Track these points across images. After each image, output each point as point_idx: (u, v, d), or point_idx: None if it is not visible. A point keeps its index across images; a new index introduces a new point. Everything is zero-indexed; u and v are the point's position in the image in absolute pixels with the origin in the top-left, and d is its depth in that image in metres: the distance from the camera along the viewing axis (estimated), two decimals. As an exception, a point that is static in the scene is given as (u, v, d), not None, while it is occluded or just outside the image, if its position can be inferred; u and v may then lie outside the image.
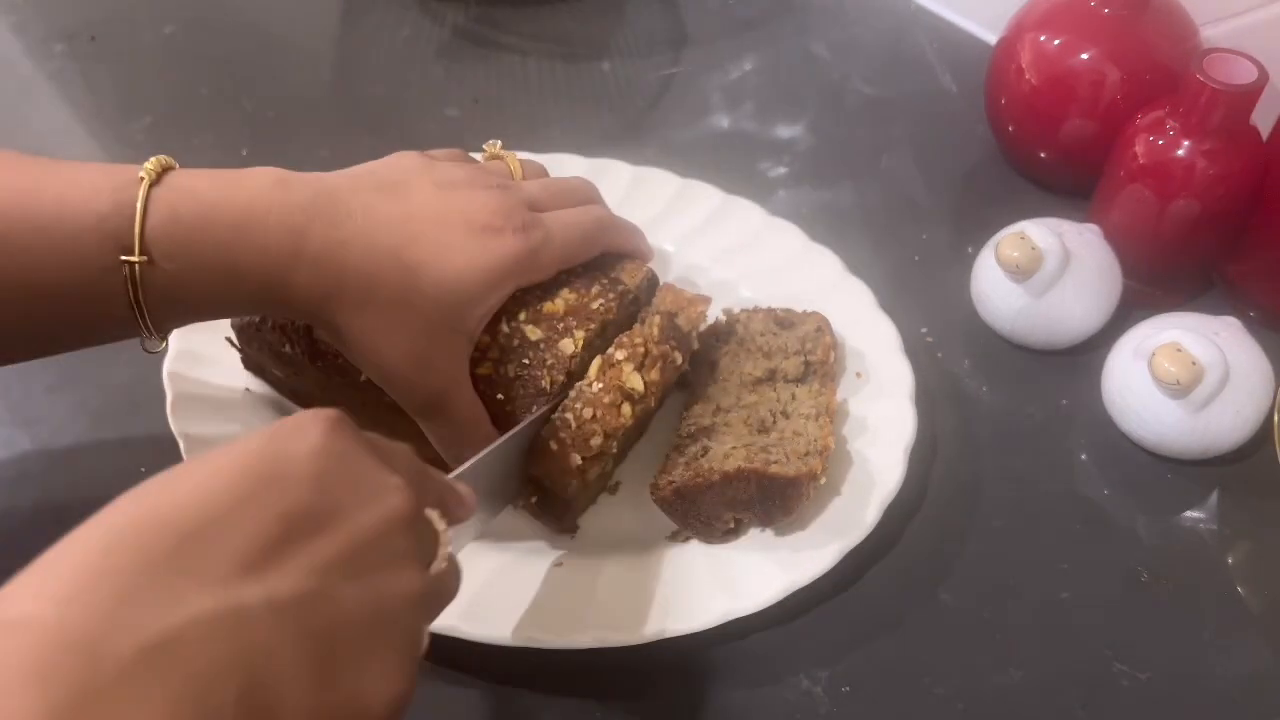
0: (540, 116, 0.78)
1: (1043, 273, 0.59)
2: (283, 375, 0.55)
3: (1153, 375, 0.54)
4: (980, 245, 0.63)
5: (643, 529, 0.53)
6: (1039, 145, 0.70)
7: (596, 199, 0.56)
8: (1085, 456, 0.59)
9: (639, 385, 0.50)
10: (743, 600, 0.49)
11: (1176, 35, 0.66)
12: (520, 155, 0.56)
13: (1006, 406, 0.61)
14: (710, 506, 0.50)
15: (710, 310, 0.57)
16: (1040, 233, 0.59)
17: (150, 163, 0.43)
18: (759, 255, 0.63)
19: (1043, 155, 0.70)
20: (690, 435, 0.53)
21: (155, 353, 0.46)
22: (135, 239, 0.41)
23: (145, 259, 0.42)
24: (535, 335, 0.49)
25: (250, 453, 0.30)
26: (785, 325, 0.58)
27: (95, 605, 0.26)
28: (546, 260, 0.49)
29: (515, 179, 0.53)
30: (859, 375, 0.58)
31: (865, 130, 0.77)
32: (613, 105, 0.80)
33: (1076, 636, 0.51)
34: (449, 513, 0.37)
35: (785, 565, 0.50)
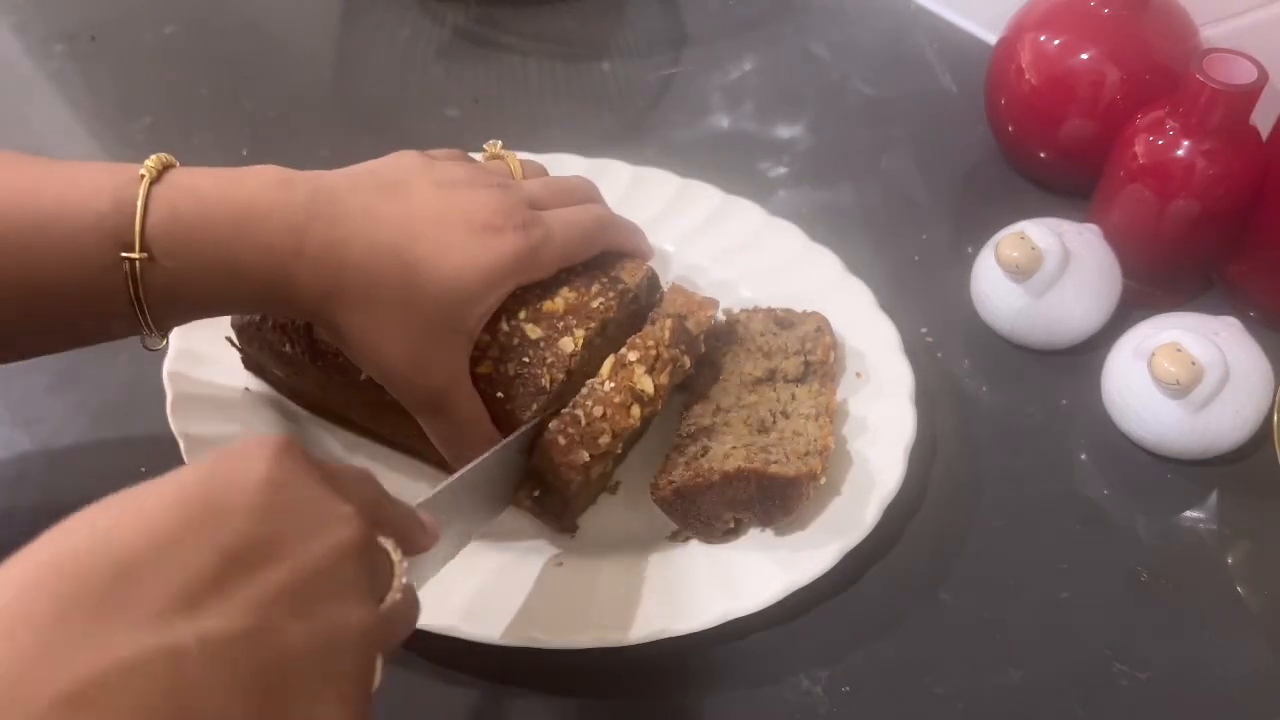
0: (540, 116, 0.78)
1: (1043, 273, 0.59)
2: (283, 375, 0.55)
3: (1152, 375, 0.54)
4: (980, 245, 0.63)
5: (643, 529, 0.53)
6: (1039, 145, 0.70)
7: (596, 198, 0.56)
8: (1085, 456, 0.59)
9: (649, 388, 0.50)
10: (742, 600, 0.49)
11: (1176, 35, 0.66)
12: (520, 155, 0.56)
13: (1006, 406, 0.61)
14: (710, 506, 0.50)
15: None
16: (1040, 233, 0.59)
17: (151, 160, 0.43)
18: (759, 255, 0.63)
19: (1043, 155, 0.70)
20: (690, 435, 0.53)
21: (155, 350, 0.46)
22: (136, 236, 0.41)
23: (145, 256, 0.42)
24: (535, 334, 0.49)
25: (191, 482, 0.29)
26: (785, 325, 0.58)
27: (11, 652, 0.24)
28: (546, 259, 0.49)
29: (515, 179, 0.53)
30: (859, 375, 0.58)
31: (865, 130, 0.77)
32: (613, 105, 0.80)
33: (1076, 636, 0.51)
34: (409, 541, 0.36)
35: (785, 565, 0.50)
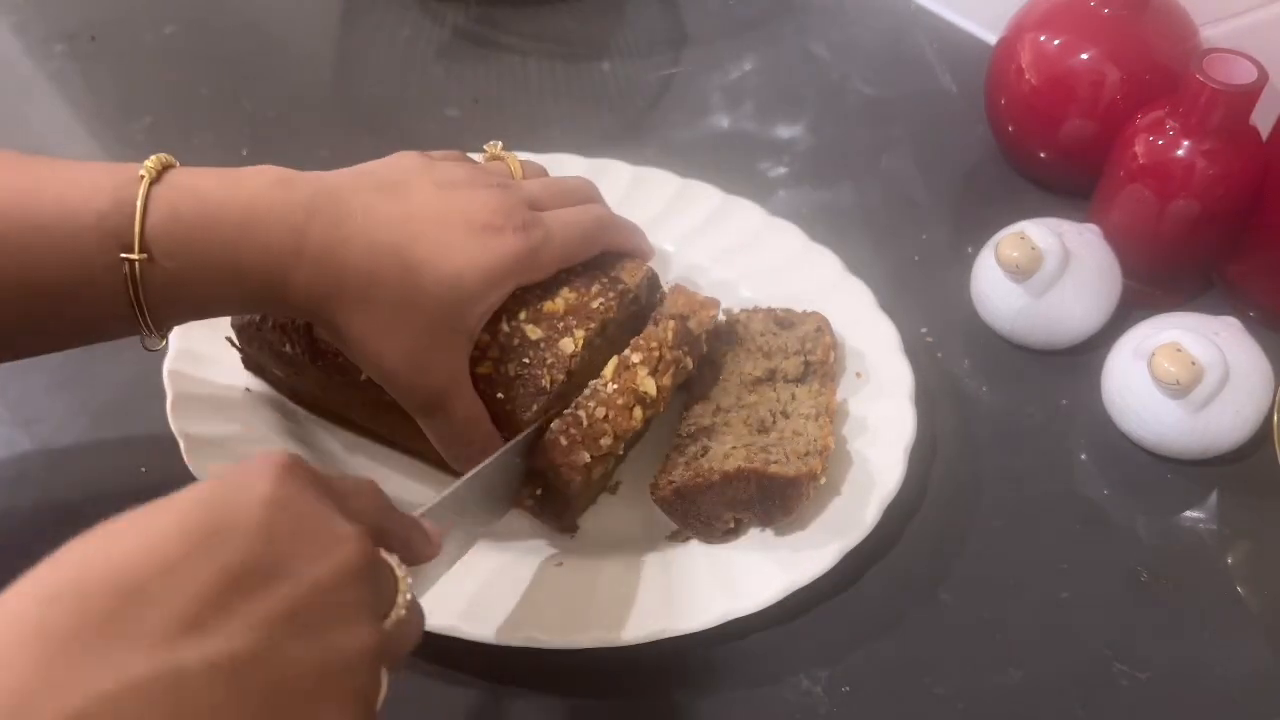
0: (540, 116, 0.78)
1: (1042, 273, 0.59)
2: (283, 375, 0.55)
3: (1152, 375, 0.54)
4: (980, 245, 0.63)
5: (643, 529, 0.53)
6: (1039, 145, 0.70)
7: (596, 198, 0.56)
8: (1085, 456, 0.59)
9: (652, 389, 0.50)
10: (742, 600, 0.49)
11: (1176, 35, 0.66)
12: (520, 155, 0.56)
13: (1006, 406, 0.61)
14: (710, 506, 0.50)
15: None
16: (1040, 233, 0.59)
17: (151, 161, 0.43)
18: (759, 255, 0.63)
19: (1043, 155, 0.70)
20: (690, 435, 0.53)
21: (155, 350, 0.46)
22: (135, 237, 0.41)
23: (145, 257, 0.42)
24: (535, 334, 0.49)
25: (195, 503, 0.29)
26: (785, 325, 0.58)
27: (18, 675, 0.24)
28: (546, 259, 0.49)
29: (515, 179, 0.53)
30: (859, 375, 0.58)
31: (865, 130, 0.77)
32: (613, 105, 0.80)
33: (1076, 636, 0.51)
34: (413, 552, 0.36)
35: (785, 565, 0.50)
